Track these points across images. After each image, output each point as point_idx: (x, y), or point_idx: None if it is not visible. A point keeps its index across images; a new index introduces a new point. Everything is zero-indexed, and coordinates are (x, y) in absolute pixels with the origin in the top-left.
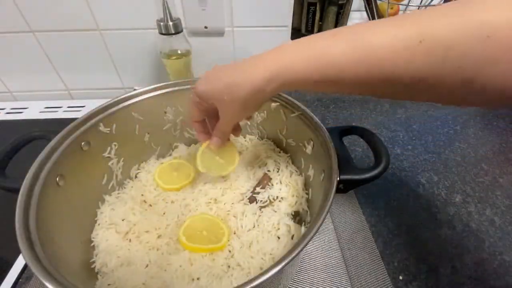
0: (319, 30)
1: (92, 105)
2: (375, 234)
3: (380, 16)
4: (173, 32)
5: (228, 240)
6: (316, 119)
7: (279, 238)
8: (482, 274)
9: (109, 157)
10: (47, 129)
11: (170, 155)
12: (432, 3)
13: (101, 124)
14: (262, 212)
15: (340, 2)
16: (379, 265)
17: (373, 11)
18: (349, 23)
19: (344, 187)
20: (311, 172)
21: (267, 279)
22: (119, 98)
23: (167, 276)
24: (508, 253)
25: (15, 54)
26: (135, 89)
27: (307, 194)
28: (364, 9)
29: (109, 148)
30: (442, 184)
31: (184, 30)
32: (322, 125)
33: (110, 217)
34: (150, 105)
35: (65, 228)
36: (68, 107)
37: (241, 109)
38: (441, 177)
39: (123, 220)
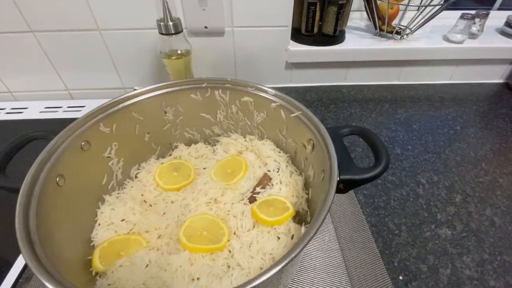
0: (319, 30)
1: (92, 105)
2: (375, 234)
3: (380, 16)
4: (173, 32)
5: (228, 240)
6: (316, 119)
7: (279, 238)
8: (482, 274)
9: (109, 157)
10: (47, 129)
11: (170, 155)
12: (432, 3)
13: (101, 124)
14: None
15: (340, 2)
16: (379, 265)
17: (373, 11)
18: (349, 23)
19: (344, 187)
20: (311, 172)
21: (267, 279)
22: (119, 98)
23: (167, 276)
24: (508, 253)
25: (15, 54)
26: (135, 89)
27: (307, 194)
28: (364, 9)
29: (109, 148)
30: (442, 184)
31: (184, 30)
32: (322, 125)
33: (110, 217)
34: (150, 105)
35: (65, 228)
36: (68, 107)
37: None
38: (441, 177)
39: (123, 220)
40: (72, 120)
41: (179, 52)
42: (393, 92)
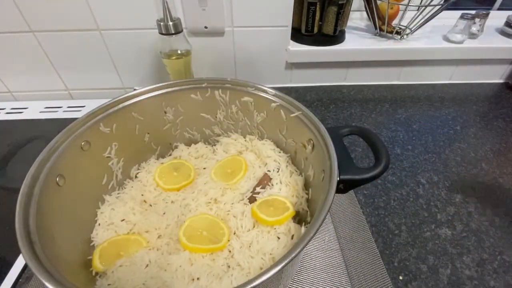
0: (319, 30)
1: (92, 105)
2: (375, 234)
3: (380, 16)
4: (173, 32)
5: (228, 240)
6: (316, 119)
7: (279, 238)
8: (482, 274)
9: (109, 157)
10: (47, 129)
11: (170, 155)
12: (432, 3)
13: (101, 124)
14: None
15: (340, 2)
16: (379, 265)
17: (373, 11)
18: (349, 23)
19: (344, 187)
20: (311, 172)
21: (267, 279)
22: (119, 98)
23: (167, 276)
24: (508, 253)
25: (15, 54)
26: (135, 89)
27: (307, 194)
28: (364, 9)
29: (109, 148)
30: (442, 184)
31: (184, 30)
32: (322, 125)
33: (110, 217)
34: (150, 105)
35: (65, 228)
36: (68, 107)
37: None
38: (441, 177)
39: (123, 220)
40: (72, 120)
41: (179, 52)
42: (393, 92)
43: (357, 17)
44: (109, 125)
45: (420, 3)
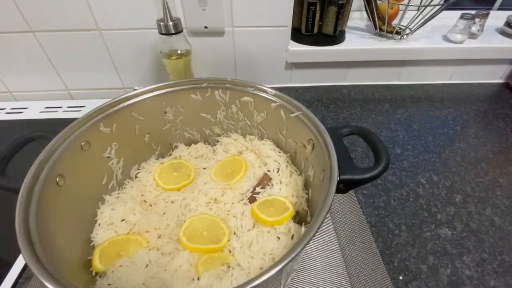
0: (319, 30)
1: (92, 105)
2: (375, 234)
3: (380, 16)
4: (173, 32)
5: (228, 240)
6: (316, 119)
7: (279, 238)
8: (482, 274)
9: (109, 157)
10: (47, 129)
11: (170, 155)
12: (432, 3)
13: (101, 124)
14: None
15: (340, 2)
16: (379, 265)
17: (373, 11)
18: (349, 23)
19: (344, 187)
20: (311, 172)
21: (267, 279)
22: (119, 98)
23: (167, 276)
24: (508, 253)
25: (15, 54)
26: (135, 89)
27: (307, 194)
28: (364, 9)
29: (109, 148)
30: (442, 184)
31: (184, 30)
32: (322, 125)
33: (110, 217)
34: (150, 105)
35: (65, 228)
36: (68, 107)
37: None
38: (441, 177)
39: (123, 220)
40: (72, 120)
41: (179, 52)
42: (393, 92)
43: (357, 17)
44: (109, 125)
45: (420, 3)
